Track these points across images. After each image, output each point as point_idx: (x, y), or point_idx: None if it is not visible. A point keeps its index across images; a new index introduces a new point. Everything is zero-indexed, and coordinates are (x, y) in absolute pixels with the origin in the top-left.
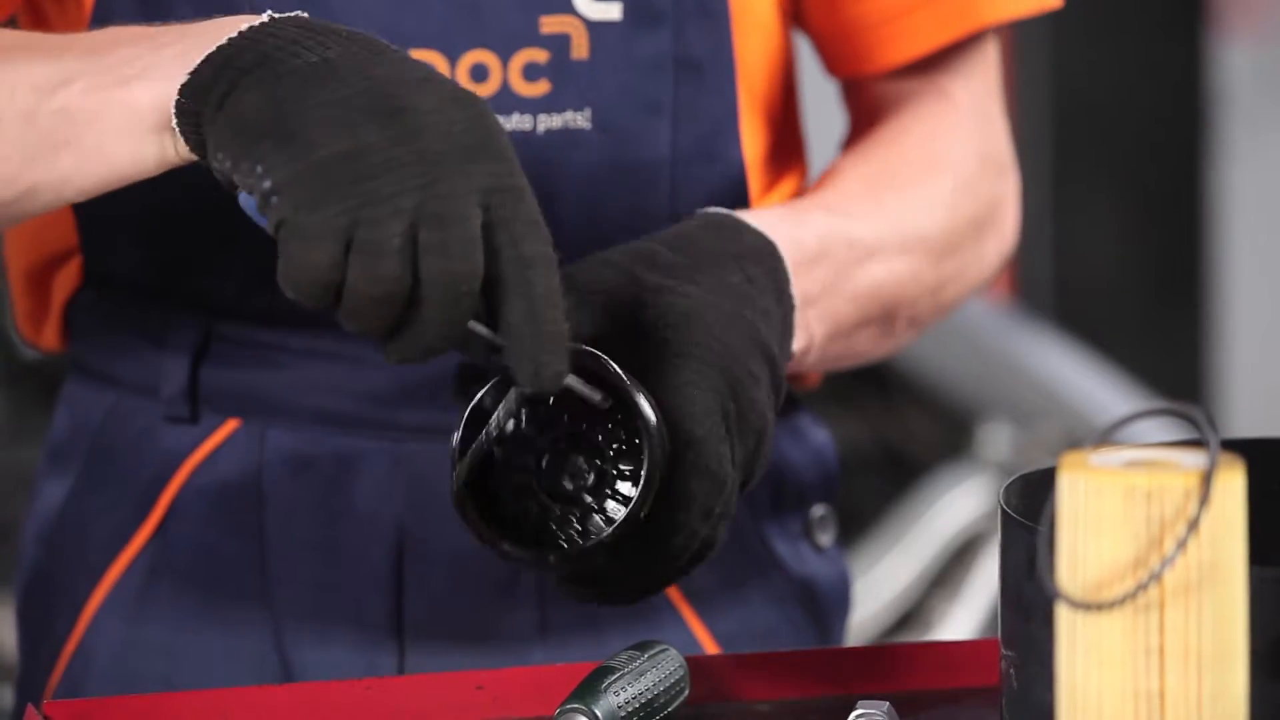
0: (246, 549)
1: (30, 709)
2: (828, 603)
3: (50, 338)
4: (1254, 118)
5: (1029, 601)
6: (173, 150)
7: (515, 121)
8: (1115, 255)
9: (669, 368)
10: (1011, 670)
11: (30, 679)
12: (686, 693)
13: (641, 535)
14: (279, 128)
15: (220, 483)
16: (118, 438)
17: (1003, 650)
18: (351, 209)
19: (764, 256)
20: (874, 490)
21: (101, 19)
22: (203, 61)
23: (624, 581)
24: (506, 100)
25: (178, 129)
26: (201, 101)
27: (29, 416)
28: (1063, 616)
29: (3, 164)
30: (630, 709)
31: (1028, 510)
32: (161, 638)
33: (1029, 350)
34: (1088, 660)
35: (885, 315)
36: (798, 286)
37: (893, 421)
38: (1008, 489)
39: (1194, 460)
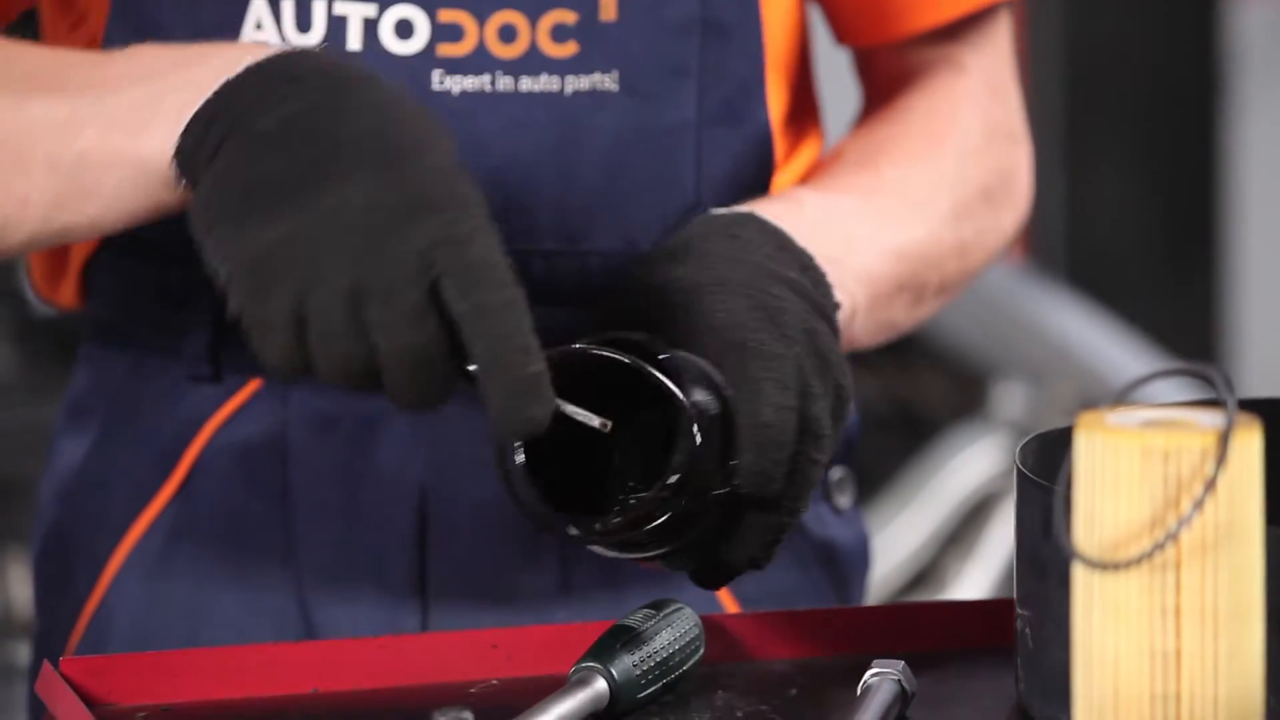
0: (270, 508)
1: (47, 666)
2: (848, 564)
3: (68, 295)
4: (1268, 77)
5: (1045, 561)
6: (182, 201)
7: (543, 82)
8: (1129, 215)
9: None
10: (1027, 630)
11: (49, 637)
12: (701, 652)
13: (737, 436)
14: (230, 210)
15: (243, 442)
16: (139, 396)
17: (1018, 610)
18: (297, 294)
19: (747, 222)
20: (888, 450)
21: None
22: (191, 120)
23: (767, 494)
24: (534, 61)
25: (183, 186)
26: (190, 169)
27: (42, 374)
28: (1079, 576)
29: (34, 207)
30: (645, 667)
31: (1043, 470)
32: (184, 597)
33: (1043, 310)
34: (1104, 620)
35: (916, 279)
36: (815, 254)
37: (907, 381)
38: (1023, 448)
39: (1211, 420)
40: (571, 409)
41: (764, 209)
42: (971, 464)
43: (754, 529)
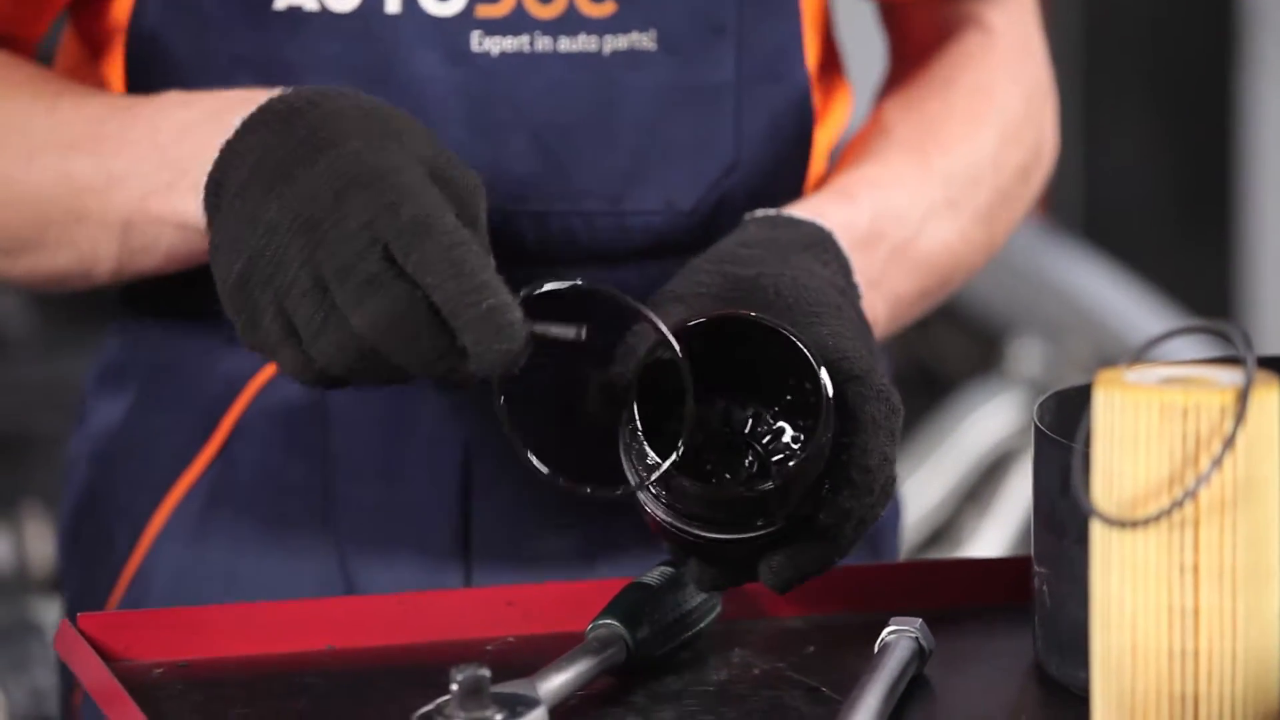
0: (311, 470)
1: (65, 622)
2: (881, 527)
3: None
4: None
5: (1062, 518)
6: None
7: (581, 42)
8: (1146, 173)
9: (804, 326)
10: (1044, 587)
11: (84, 598)
12: (719, 610)
13: (840, 468)
14: (216, 262)
15: (285, 404)
16: (178, 358)
17: (1035, 567)
18: (277, 307)
19: (827, 245)
20: (905, 407)
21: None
22: (206, 183)
23: (839, 531)
24: (573, 21)
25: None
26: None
27: (57, 331)
28: (1097, 533)
29: (104, 261)
30: (662, 625)
31: (1061, 427)
32: (224, 559)
33: (1060, 268)
34: (1122, 577)
35: (941, 283)
36: (858, 270)
37: (923, 339)
38: (1041, 405)
39: (1229, 377)
40: (543, 326)
41: (829, 212)
42: (989, 421)
43: (807, 555)
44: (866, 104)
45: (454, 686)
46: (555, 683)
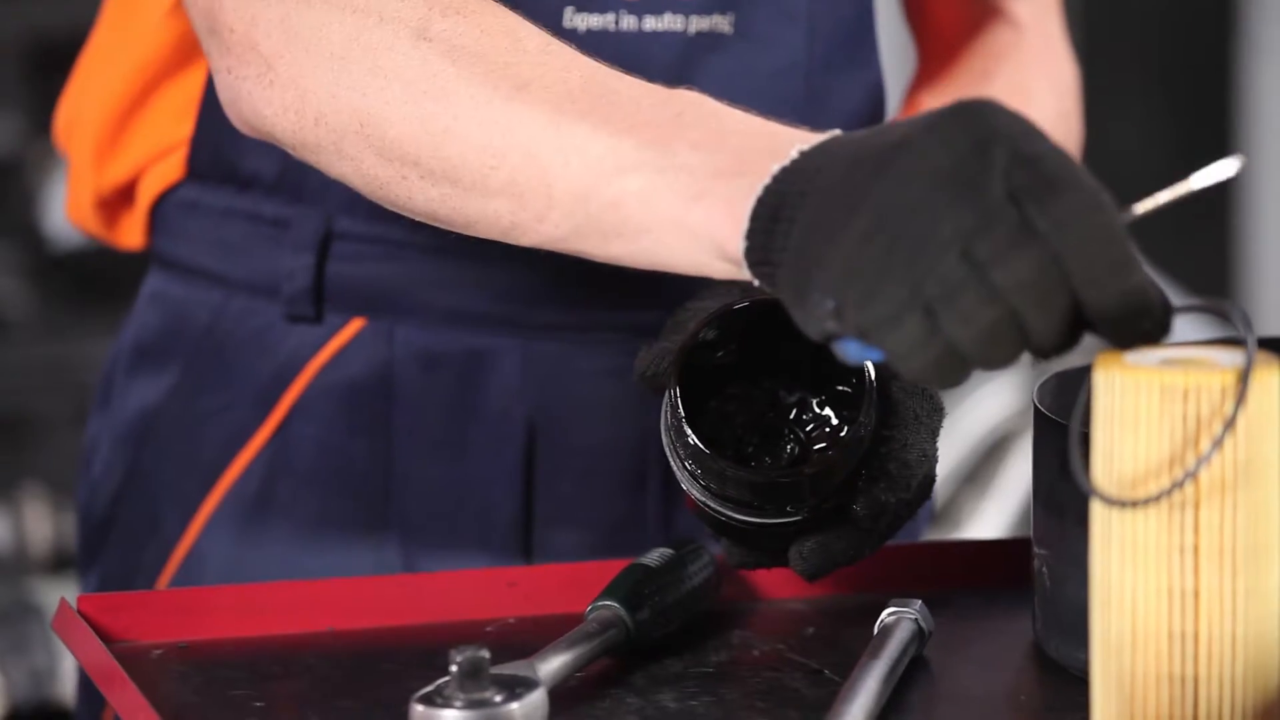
0: (373, 449)
1: (63, 602)
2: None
3: (133, 235)
4: None
5: (1062, 500)
6: (741, 271)
7: (668, 21)
8: (1145, 153)
9: None
10: (1044, 569)
11: (124, 582)
12: (719, 590)
13: (878, 460)
14: (818, 257)
15: (348, 382)
16: (230, 337)
17: (1035, 549)
18: (905, 266)
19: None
20: None
21: None
22: (754, 212)
23: (873, 523)
24: (659, 0)
25: (747, 269)
26: (763, 254)
27: (57, 312)
28: (1097, 514)
29: (549, 226)
30: (663, 606)
31: (1061, 408)
32: (280, 541)
33: None
34: (1122, 558)
35: None
36: None
37: None
38: (1041, 387)
39: (1229, 358)
40: None
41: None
42: (988, 403)
43: (839, 545)
44: (896, 98)
45: (453, 668)
46: (555, 664)
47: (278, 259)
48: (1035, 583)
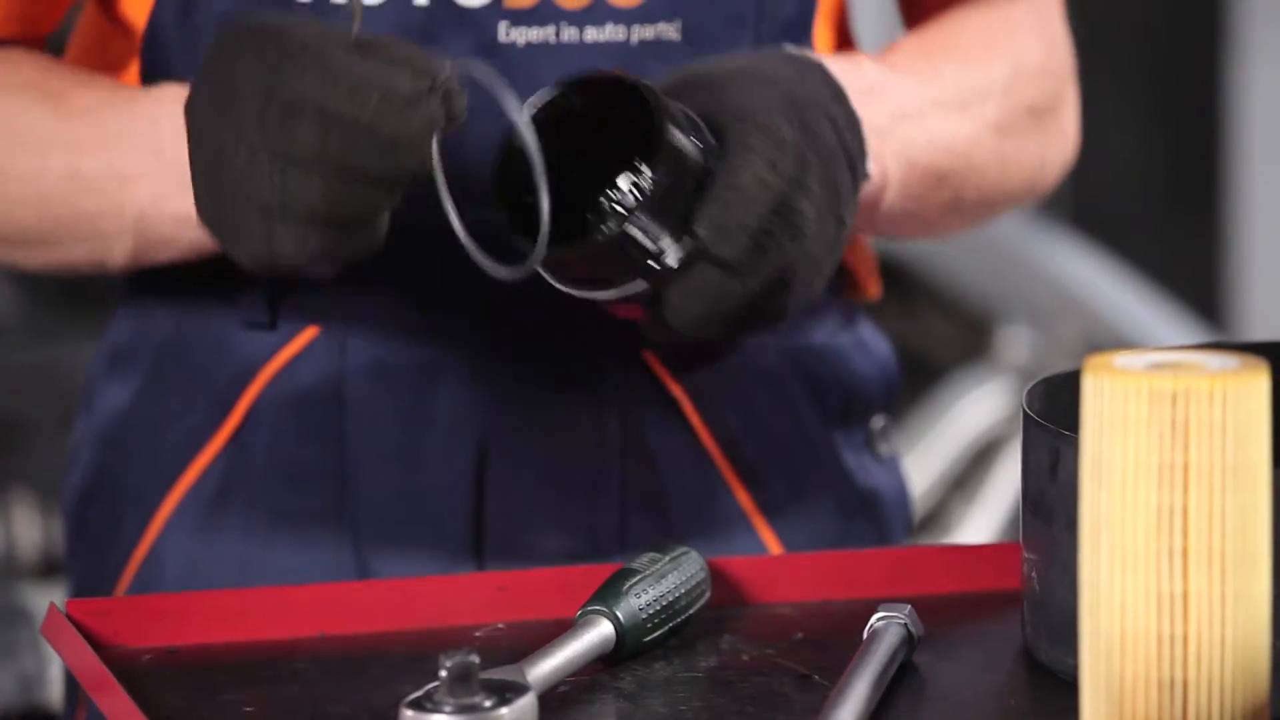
0: (325, 457)
1: (53, 607)
2: (891, 513)
3: None
4: (1270, 17)
5: (1051, 504)
6: None
7: (609, 32)
8: (1133, 156)
9: (710, 88)
10: (1034, 574)
11: (92, 583)
12: (708, 595)
13: (712, 191)
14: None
15: (300, 390)
16: (191, 342)
17: (1024, 553)
18: (249, 160)
19: (808, 64)
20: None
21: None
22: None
23: (729, 255)
24: (600, 11)
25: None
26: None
27: (46, 316)
28: (1086, 519)
29: (119, 253)
30: (651, 611)
31: (1050, 413)
32: (236, 546)
33: (1048, 254)
34: (1111, 562)
35: (956, 176)
36: (863, 116)
37: (911, 325)
38: (1030, 392)
39: (1219, 363)
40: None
41: (826, 63)
42: (977, 408)
43: (701, 281)
44: None
45: (443, 673)
46: (544, 669)
47: (236, 266)
48: (1024, 587)
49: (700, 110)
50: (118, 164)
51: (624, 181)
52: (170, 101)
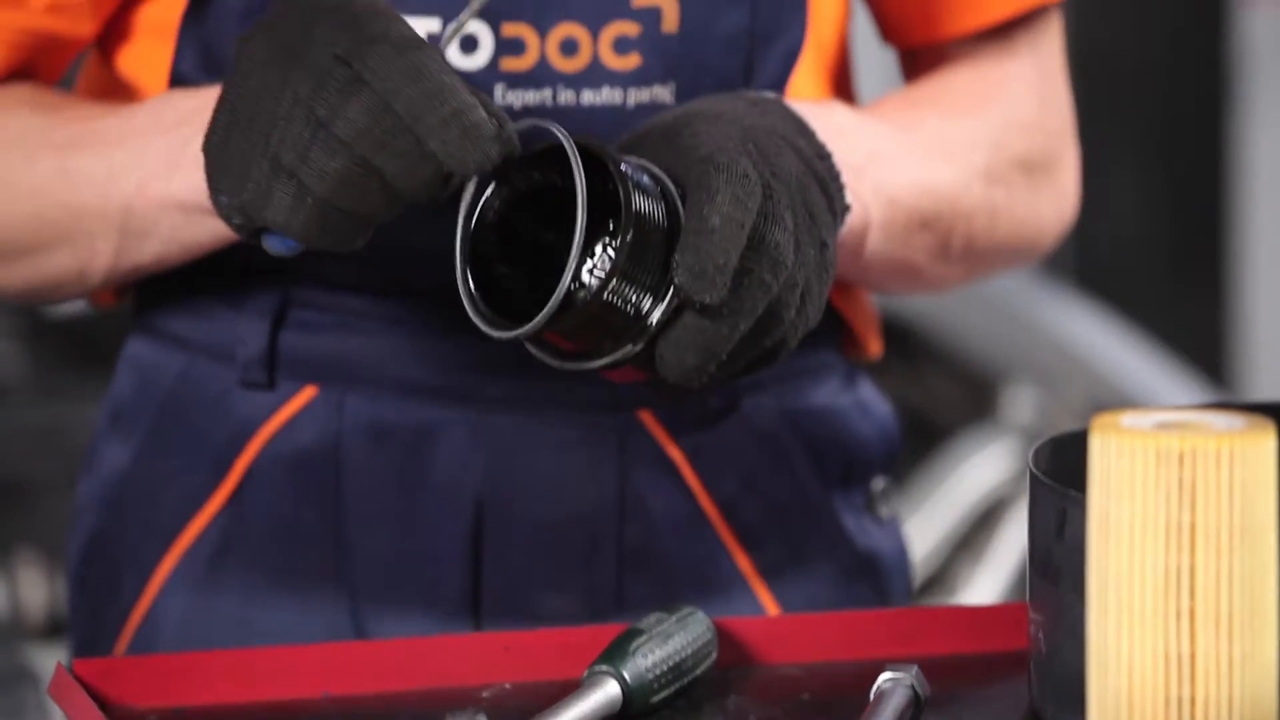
0: (323, 518)
1: (60, 667)
2: (891, 576)
3: (105, 294)
4: (1276, 82)
5: (1058, 564)
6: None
7: (605, 95)
8: (1138, 218)
9: (668, 139)
10: (1041, 634)
11: (91, 643)
12: (715, 656)
13: (683, 239)
14: (209, 168)
15: (297, 450)
16: (190, 401)
17: (1031, 614)
18: (264, 143)
19: (768, 101)
20: (899, 454)
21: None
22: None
23: (715, 303)
24: (596, 74)
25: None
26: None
27: (52, 376)
28: (1093, 579)
29: (102, 255)
30: (658, 671)
31: (1057, 473)
32: (233, 607)
33: (1052, 314)
34: (1118, 623)
35: (941, 221)
36: (836, 152)
37: (916, 385)
38: (1037, 451)
39: (1226, 423)
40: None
41: (792, 103)
42: (982, 469)
43: (690, 331)
44: None
45: None
46: None
47: (236, 324)
48: (1031, 648)
49: (659, 160)
50: (109, 155)
51: (595, 249)
52: (179, 96)
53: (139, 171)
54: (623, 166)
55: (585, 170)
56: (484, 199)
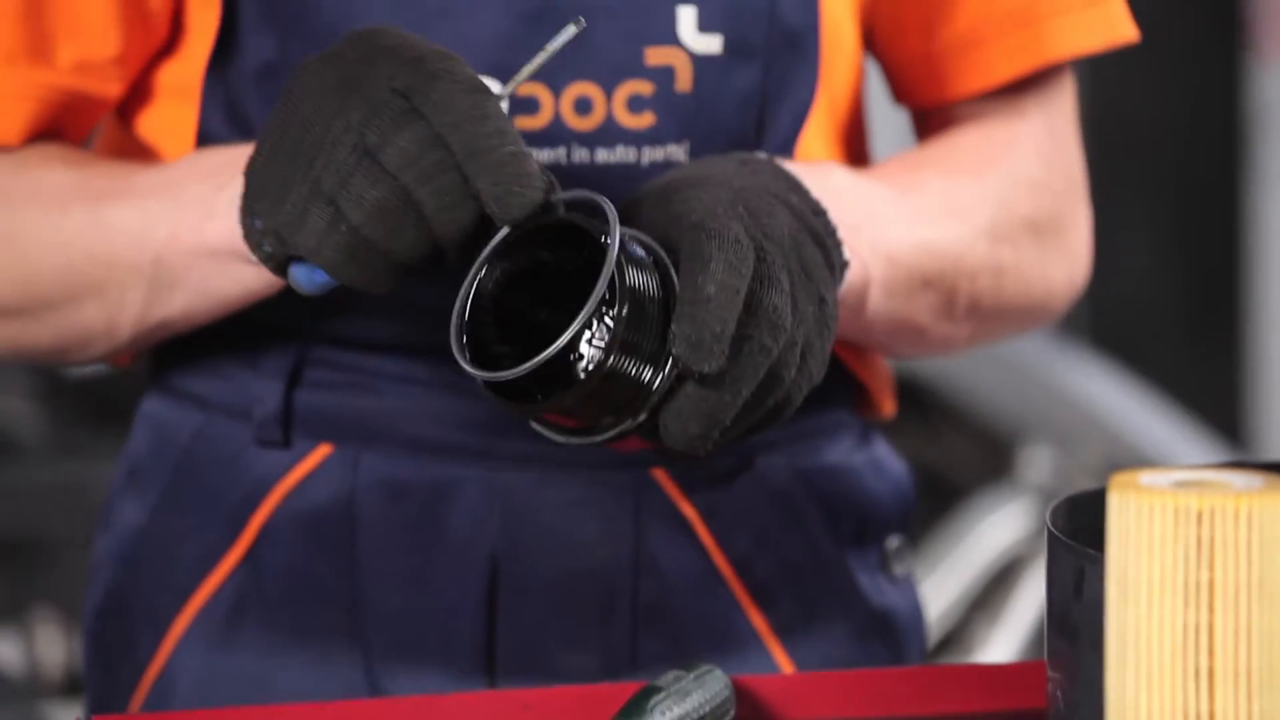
0: (338, 576)
1: None
2: (905, 635)
3: (123, 354)
4: None
5: (1076, 623)
6: (261, 278)
7: (619, 154)
8: (1152, 277)
9: (660, 203)
10: (1058, 693)
11: (107, 700)
12: (732, 714)
13: (679, 309)
14: (247, 191)
15: (312, 508)
16: (206, 459)
17: (1049, 672)
18: (307, 166)
19: (760, 162)
20: (915, 514)
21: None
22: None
23: (714, 372)
24: (611, 133)
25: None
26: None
27: (70, 435)
28: (1111, 637)
29: (130, 308)
30: None
31: (1074, 532)
32: (249, 664)
33: (1069, 374)
34: (1137, 682)
35: (944, 280)
36: (832, 210)
37: (933, 444)
38: (1054, 510)
39: (1244, 481)
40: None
41: (787, 164)
42: (999, 528)
43: (692, 401)
44: None
45: None
46: None
47: (251, 383)
48: (1049, 707)
49: (652, 227)
50: (143, 205)
51: (592, 322)
52: (213, 151)
53: (172, 220)
54: (611, 239)
55: (572, 244)
56: (479, 278)
